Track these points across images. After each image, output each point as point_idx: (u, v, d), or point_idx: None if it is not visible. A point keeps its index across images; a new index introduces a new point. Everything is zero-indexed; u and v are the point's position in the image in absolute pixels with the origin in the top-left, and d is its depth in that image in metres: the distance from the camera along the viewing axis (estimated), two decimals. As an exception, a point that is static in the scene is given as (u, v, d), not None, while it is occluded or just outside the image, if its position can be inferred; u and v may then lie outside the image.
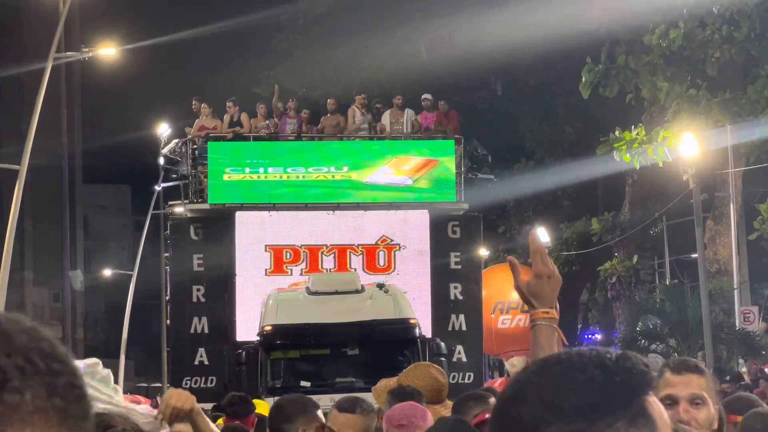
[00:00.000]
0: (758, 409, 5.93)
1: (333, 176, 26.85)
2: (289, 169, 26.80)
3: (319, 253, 26.26)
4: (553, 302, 3.53)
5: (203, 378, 25.32)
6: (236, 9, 43.18)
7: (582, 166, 34.48)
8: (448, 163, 26.86)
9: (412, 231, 26.37)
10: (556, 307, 3.57)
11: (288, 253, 26.14)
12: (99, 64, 32.40)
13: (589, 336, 48.55)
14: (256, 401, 9.53)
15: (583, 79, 29.87)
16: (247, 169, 26.71)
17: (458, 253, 26.49)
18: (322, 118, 27.74)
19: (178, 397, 4.41)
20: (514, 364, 15.14)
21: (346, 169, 26.82)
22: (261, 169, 26.79)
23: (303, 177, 26.81)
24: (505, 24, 34.02)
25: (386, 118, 27.57)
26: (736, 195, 31.17)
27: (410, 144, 27.25)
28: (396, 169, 26.80)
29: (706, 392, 4.12)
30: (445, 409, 6.55)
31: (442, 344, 19.44)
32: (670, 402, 4.05)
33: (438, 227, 26.33)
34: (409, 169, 26.81)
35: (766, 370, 24.77)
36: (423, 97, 28.19)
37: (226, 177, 26.64)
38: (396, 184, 26.75)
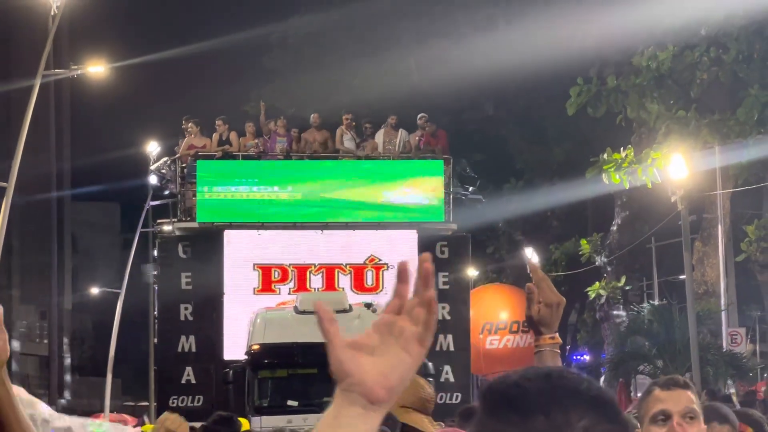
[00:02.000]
0: None
1: (322, 195, 26.85)
2: (277, 188, 26.80)
3: (308, 273, 26.25)
4: (557, 327, 3.64)
5: (190, 397, 25.26)
6: (226, 27, 43.26)
7: (571, 187, 34.50)
8: (437, 184, 26.88)
9: (401, 251, 26.36)
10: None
11: (276, 272, 26.12)
12: (88, 82, 32.39)
13: (578, 357, 48.54)
14: (242, 420, 9.49)
15: (572, 98, 29.93)
16: (235, 188, 26.70)
17: (446, 273, 26.49)
18: (304, 134, 27.66)
19: (173, 421, 4.41)
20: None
21: (335, 188, 26.83)
22: (249, 188, 26.78)
23: (292, 196, 26.81)
24: (495, 45, 34.07)
25: (380, 137, 27.59)
26: (724, 216, 31.21)
27: (400, 164, 27.26)
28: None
29: (697, 407, 4.15)
30: (432, 425, 6.52)
31: (430, 364, 19.42)
32: (663, 417, 4.08)
33: (426, 247, 26.28)
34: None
35: (761, 390, 24.78)
36: (419, 116, 28.22)
37: (213, 195, 26.61)
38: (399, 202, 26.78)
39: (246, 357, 19.54)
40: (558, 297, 3.64)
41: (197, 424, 9.42)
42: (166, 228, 27.46)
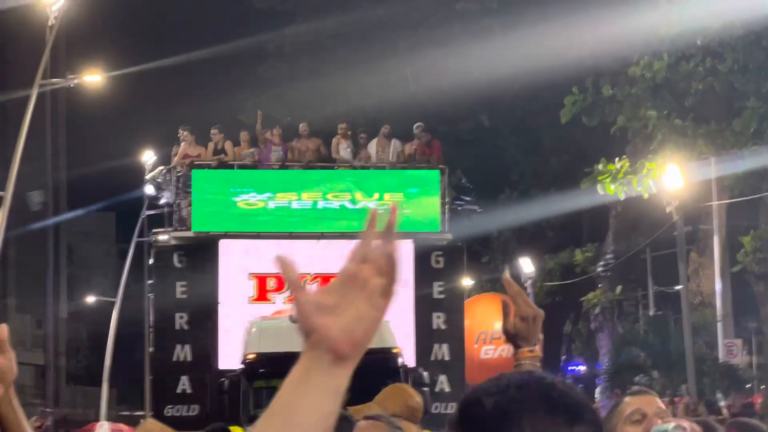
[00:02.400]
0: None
1: (318, 204, 26.86)
2: (273, 197, 26.81)
3: (303, 282, 26.22)
4: (536, 340, 3.68)
5: (186, 406, 25.23)
6: (222, 37, 43.22)
7: (566, 198, 34.53)
8: (432, 194, 26.89)
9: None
10: (539, 339, 3.69)
11: (272, 282, 26.10)
12: (85, 91, 32.41)
13: (573, 368, 48.51)
14: (235, 429, 9.50)
15: (567, 106, 29.97)
16: (231, 197, 26.71)
17: (442, 283, 26.50)
18: (296, 143, 27.64)
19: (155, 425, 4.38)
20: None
21: (330, 197, 26.84)
22: (245, 197, 26.78)
23: (287, 205, 26.82)
24: (491, 55, 34.10)
25: (372, 146, 27.62)
26: (720, 228, 31.23)
27: (395, 174, 27.28)
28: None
29: (666, 412, 4.37)
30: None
31: (425, 374, 19.40)
32: (640, 417, 4.20)
33: (422, 257, 26.31)
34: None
35: (757, 402, 24.76)
36: (416, 125, 28.25)
37: (208, 205, 26.61)
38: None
39: (241, 366, 19.51)
40: (534, 310, 3.71)
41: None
42: (162, 237, 27.44)
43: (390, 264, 1.91)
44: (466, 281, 33.90)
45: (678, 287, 30.56)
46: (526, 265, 36.89)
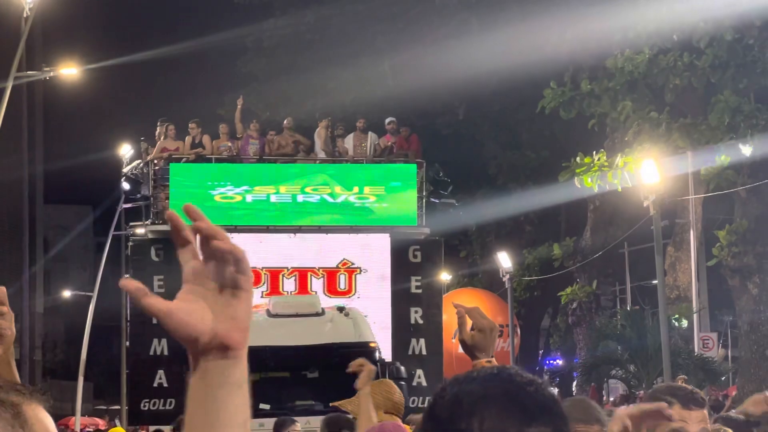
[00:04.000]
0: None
1: (295, 198, 26.85)
2: (250, 191, 26.78)
3: (280, 276, 26.22)
4: (492, 351, 3.76)
5: (162, 400, 25.19)
6: (201, 31, 43.15)
7: (544, 192, 34.60)
8: (410, 188, 26.91)
9: (373, 255, 26.38)
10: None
11: (249, 276, 26.05)
12: (61, 84, 32.29)
13: (551, 361, 48.65)
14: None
15: (546, 98, 30.01)
16: (208, 191, 26.67)
17: (419, 278, 26.52)
18: (276, 137, 27.62)
19: None
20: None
21: (308, 191, 26.83)
22: (222, 191, 26.75)
23: (264, 199, 26.80)
24: (469, 49, 34.12)
25: (349, 141, 27.62)
26: (696, 222, 31.35)
27: (372, 168, 27.29)
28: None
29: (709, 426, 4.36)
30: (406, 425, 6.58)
31: (402, 368, 19.41)
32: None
33: (399, 251, 26.34)
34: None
35: (732, 394, 24.88)
36: (387, 120, 28.26)
37: (185, 198, 26.56)
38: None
39: (218, 360, 19.46)
40: (490, 323, 3.76)
41: (167, 428, 9.45)
42: (139, 231, 27.39)
43: (224, 261, 1.86)
44: (444, 276, 33.94)
45: (654, 281, 30.67)
46: (504, 259, 36.86)
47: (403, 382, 17.95)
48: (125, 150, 35.85)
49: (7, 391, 2.02)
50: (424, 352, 26.02)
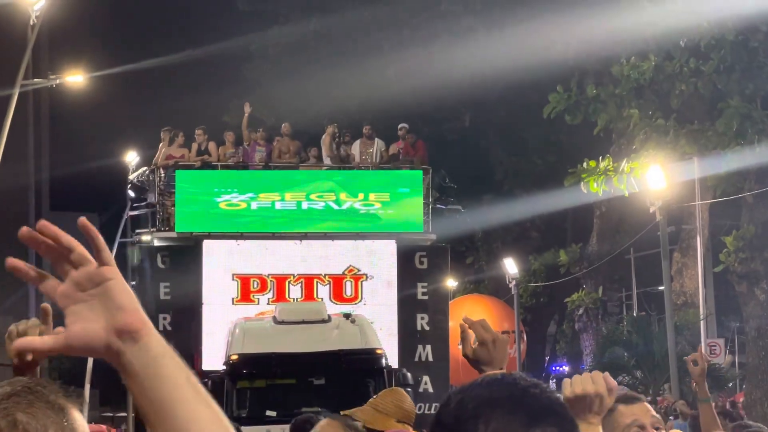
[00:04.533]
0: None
1: (301, 205, 26.84)
2: (256, 198, 26.78)
3: (287, 283, 26.21)
4: (502, 363, 3.70)
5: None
6: (206, 38, 43.16)
7: (550, 198, 34.56)
8: (416, 194, 26.89)
9: (380, 261, 26.36)
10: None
11: (255, 282, 26.07)
12: (67, 91, 32.34)
13: (557, 368, 48.59)
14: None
15: (550, 103, 29.99)
16: (214, 198, 26.67)
17: (425, 284, 26.50)
18: (278, 143, 27.64)
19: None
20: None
21: (314, 198, 26.82)
22: (228, 198, 26.75)
23: (270, 206, 26.79)
24: (475, 55, 34.11)
25: (356, 147, 27.62)
26: (702, 228, 31.29)
27: (378, 174, 27.28)
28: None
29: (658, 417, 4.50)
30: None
31: (409, 375, 19.40)
32: (638, 429, 4.32)
33: (405, 258, 26.32)
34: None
35: (739, 401, 24.84)
36: (399, 126, 28.27)
37: (192, 205, 26.57)
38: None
39: (225, 367, 19.46)
40: (491, 335, 3.71)
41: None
42: (145, 238, 27.39)
43: (79, 264, 1.87)
44: (450, 282, 33.89)
45: (661, 287, 30.62)
46: (510, 266, 36.86)
47: (409, 389, 17.93)
48: (131, 157, 35.88)
49: (56, 394, 2.04)
50: (430, 359, 26.00)
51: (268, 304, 24.90)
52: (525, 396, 1.99)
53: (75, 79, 28.71)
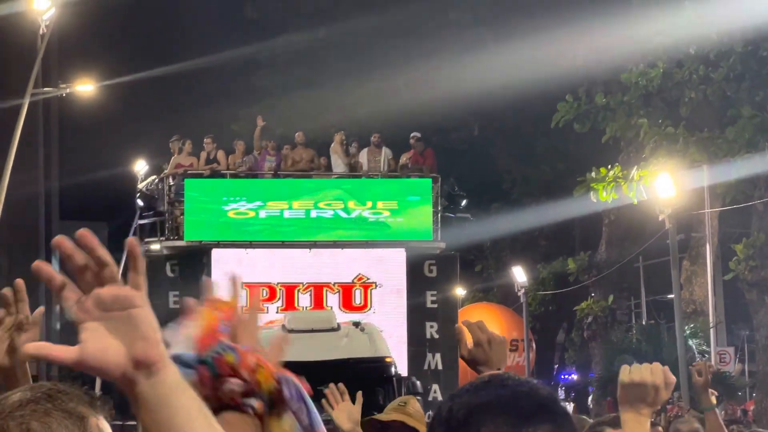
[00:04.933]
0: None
1: (310, 214, 26.85)
2: (265, 206, 26.79)
3: (296, 291, 26.21)
4: (500, 364, 3.72)
5: (178, 416, 25.17)
6: (215, 46, 43.20)
7: (559, 206, 34.55)
8: (425, 202, 26.89)
9: (389, 269, 26.35)
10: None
11: (264, 291, 26.08)
12: (77, 100, 32.38)
13: (566, 376, 48.52)
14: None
15: (559, 112, 29.99)
16: (223, 206, 26.69)
17: (435, 292, 26.49)
18: (291, 153, 27.65)
19: None
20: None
21: (323, 206, 26.82)
22: (237, 206, 26.76)
23: (279, 214, 26.80)
24: (483, 64, 34.13)
25: (363, 156, 27.63)
26: (712, 235, 31.23)
27: (387, 182, 27.28)
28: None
29: None
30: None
31: (418, 383, 19.37)
32: None
33: (414, 266, 26.31)
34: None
35: (750, 409, 24.79)
36: (412, 135, 28.28)
37: (201, 214, 26.59)
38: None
39: (234, 376, 19.44)
40: (487, 335, 3.72)
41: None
42: (154, 247, 27.40)
43: (100, 278, 1.84)
44: (459, 290, 33.87)
45: (671, 296, 30.57)
46: (519, 274, 36.81)
47: (419, 397, 17.90)
48: (140, 166, 35.91)
49: (77, 402, 2.01)
50: (440, 367, 25.98)
51: (277, 312, 24.90)
52: (513, 397, 1.98)
53: (85, 88, 28.75)
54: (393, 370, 18.96)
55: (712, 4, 26.67)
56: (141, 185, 29.41)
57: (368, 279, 26.33)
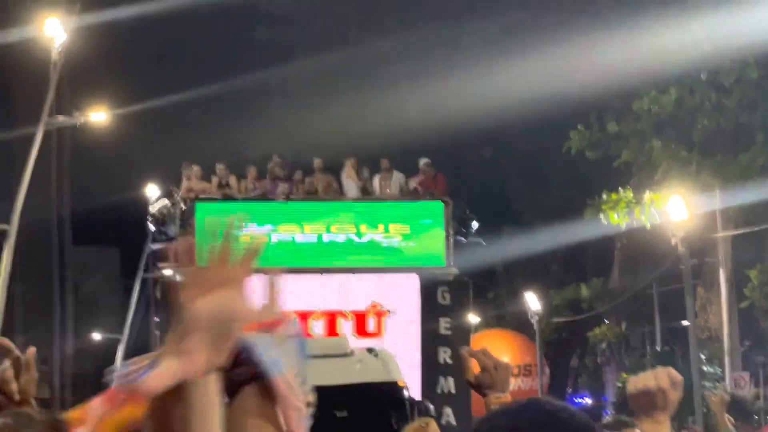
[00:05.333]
0: None
1: (320, 238, 26.81)
2: (277, 230, 26.76)
3: (309, 319, 26.15)
4: (504, 386, 3.85)
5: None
6: (225, 72, 43.29)
7: (571, 231, 34.48)
8: (437, 226, 26.85)
9: (402, 296, 26.29)
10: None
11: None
12: (90, 126, 32.43)
13: (579, 400, 48.36)
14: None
15: (573, 139, 29.98)
16: (235, 231, 26.65)
17: (448, 320, 26.44)
18: (306, 177, 27.72)
19: None
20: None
21: (333, 229, 26.79)
22: (246, 231, 26.71)
23: (290, 239, 26.76)
24: (494, 88, 34.13)
25: (376, 182, 27.63)
26: (725, 260, 31.12)
27: (399, 206, 27.24)
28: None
29: None
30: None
31: (431, 406, 19.31)
32: None
33: (428, 292, 26.27)
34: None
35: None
36: (423, 161, 28.25)
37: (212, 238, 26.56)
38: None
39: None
40: (493, 360, 3.88)
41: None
42: (167, 272, 27.36)
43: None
44: (472, 317, 33.79)
45: (685, 322, 30.46)
46: (532, 301, 36.71)
47: (432, 422, 17.83)
48: (152, 191, 35.93)
49: (37, 429, 2.00)
50: (452, 391, 25.90)
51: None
52: (554, 421, 1.93)
53: (99, 117, 28.83)
54: (406, 393, 18.91)
55: (721, 26, 26.67)
56: (152, 209, 29.43)
57: (382, 306, 26.28)
